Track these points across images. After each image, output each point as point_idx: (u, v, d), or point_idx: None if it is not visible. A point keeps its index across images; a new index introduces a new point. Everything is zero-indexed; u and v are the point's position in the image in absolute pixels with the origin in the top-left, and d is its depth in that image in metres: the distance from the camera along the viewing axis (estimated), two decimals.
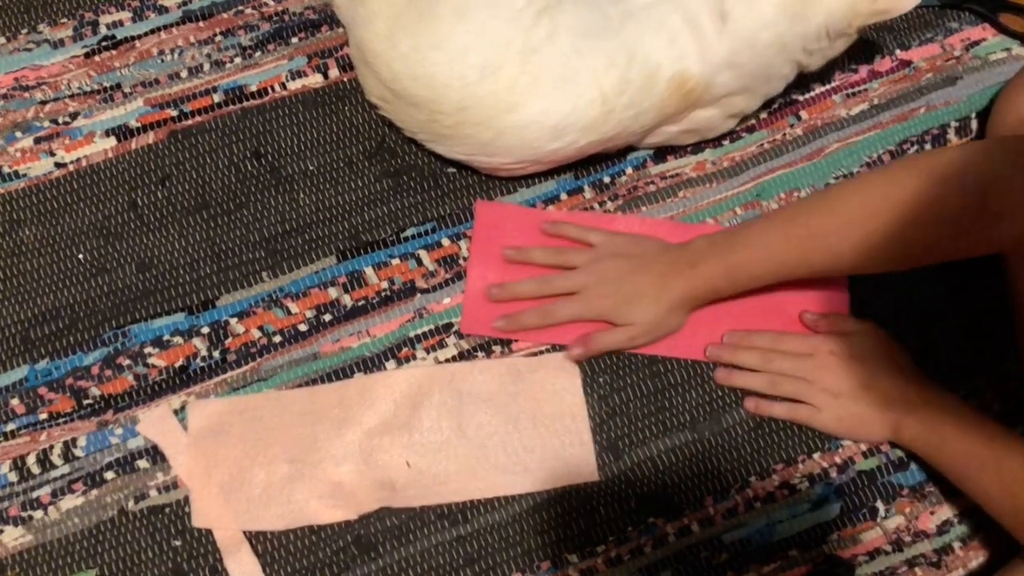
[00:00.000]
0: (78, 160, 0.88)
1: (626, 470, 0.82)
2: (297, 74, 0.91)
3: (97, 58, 0.91)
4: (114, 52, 0.91)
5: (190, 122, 0.89)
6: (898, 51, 0.96)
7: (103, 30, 0.92)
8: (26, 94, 0.89)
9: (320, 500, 0.79)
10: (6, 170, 0.87)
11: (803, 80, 0.94)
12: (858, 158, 0.91)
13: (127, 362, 0.82)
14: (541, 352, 0.84)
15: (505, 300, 0.84)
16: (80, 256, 0.85)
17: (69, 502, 0.79)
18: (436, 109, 0.78)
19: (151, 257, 0.85)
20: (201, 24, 0.92)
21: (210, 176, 0.88)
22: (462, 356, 0.84)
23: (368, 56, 0.80)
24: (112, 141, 0.88)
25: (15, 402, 0.81)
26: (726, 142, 0.91)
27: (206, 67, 0.91)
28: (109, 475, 0.80)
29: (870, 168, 0.91)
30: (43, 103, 0.89)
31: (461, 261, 0.87)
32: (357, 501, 0.79)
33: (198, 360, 0.83)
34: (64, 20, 0.92)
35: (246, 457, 0.79)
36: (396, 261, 0.86)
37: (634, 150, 0.90)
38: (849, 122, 0.93)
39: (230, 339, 0.84)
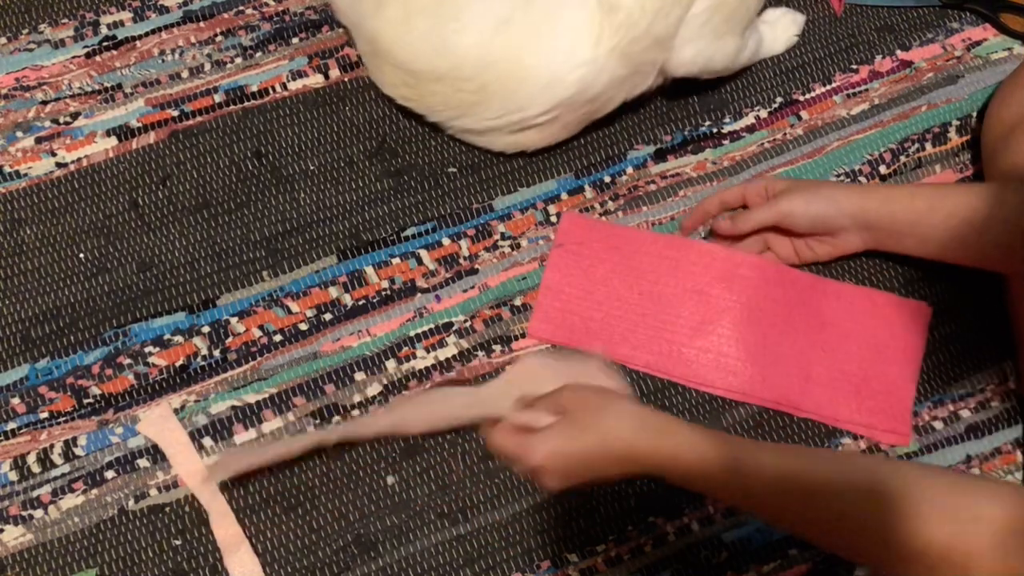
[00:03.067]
0: (79, 160, 0.88)
1: None
2: (298, 74, 0.92)
3: (98, 58, 0.91)
4: (115, 52, 0.91)
5: (191, 122, 0.89)
6: (899, 51, 0.96)
7: (104, 30, 0.92)
8: (27, 94, 0.89)
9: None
10: (7, 170, 0.87)
11: (803, 80, 0.94)
12: (859, 155, 0.91)
13: (128, 361, 0.82)
14: None
15: None
16: (81, 255, 0.85)
17: (69, 501, 0.79)
18: (459, 76, 0.80)
19: (152, 256, 0.86)
20: (202, 24, 0.93)
21: (211, 176, 0.88)
22: (462, 355, 0.84)
23: (382, 45, 0.81)
24: (113, 141, 0.88)
25: (16, 401, 0.81)
26: (726, 142, 0.92)
27: (207, 67, 0.91)
28: (109, 474, 0.80)
29: (871, 166, 0.91)
30: (44, 103, 0.89)
31: (461, 260, 0.87)
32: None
33: (199, 359, 0.83)
34: (65, 20, 0.92)
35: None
36: (396, 260, 0.86)
37: (635, 149, 0.90)
38: (850, 121, 0.93)
39: (231, 338, 0.84)
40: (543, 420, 0.70)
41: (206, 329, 0.84)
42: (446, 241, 0.87)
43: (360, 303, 0.85)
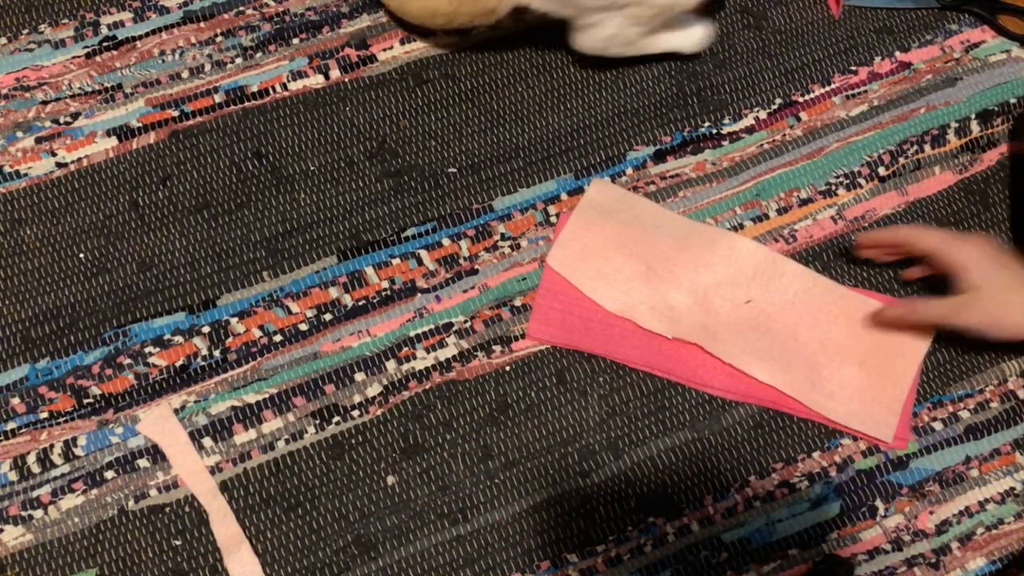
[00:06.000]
0: (79, 160, 0.88)
1: (626, 470, 0.82)
2: (298, 75, 0.92)
3: (98, 58, 0.91)
4: (115, 52, 0.91)
5: (191, 122, 0.90)
6: (898, 53, 0.96)
7: (104, 30, 0.92)
8: (27, 94, 0.89)
9: (650, 309, 0.85)
10: (7, 170, 0.87)
11: (802, 81, 0.94)
12: (858, 157, 0.92)
13: (128, 361, 0.82)
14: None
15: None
16: (81, 255, 0.85)
17: (69, 501, 0.79)
18: None
19: (152, 257, 0.86)
20: (202, 25, 0.93)
21: (211, 176, 0.88)
22: (462, 356, 0.84)
23: None
24: (113, 141, 0.89)
25: (15, 401, 0.81)
26: (726, 143, 0.92)
27: (207, 67, 0.91)
28: (109, 474, 0.80)
29: (870, 167, 0.91)
30: (44, 103, 0.89)
31: (461, 261, 0.87)
32: (679, 327, 0.84)
33: (199, 359, 0.83)
34: (65, 20, 0.92)
35: (616, 239, 0.86)
36: (396, 261, 0.87)
37: (635, 149, 0.91)
38: (849, 123, 0.93)
39: (231, 338, 0.84)
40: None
41: (206, 329, 0.84)
42: (446, 241, 0.87)
43: (360, 303, 0.85)
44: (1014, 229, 0.89)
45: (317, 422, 0.82)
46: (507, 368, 0.84)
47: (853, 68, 0.96)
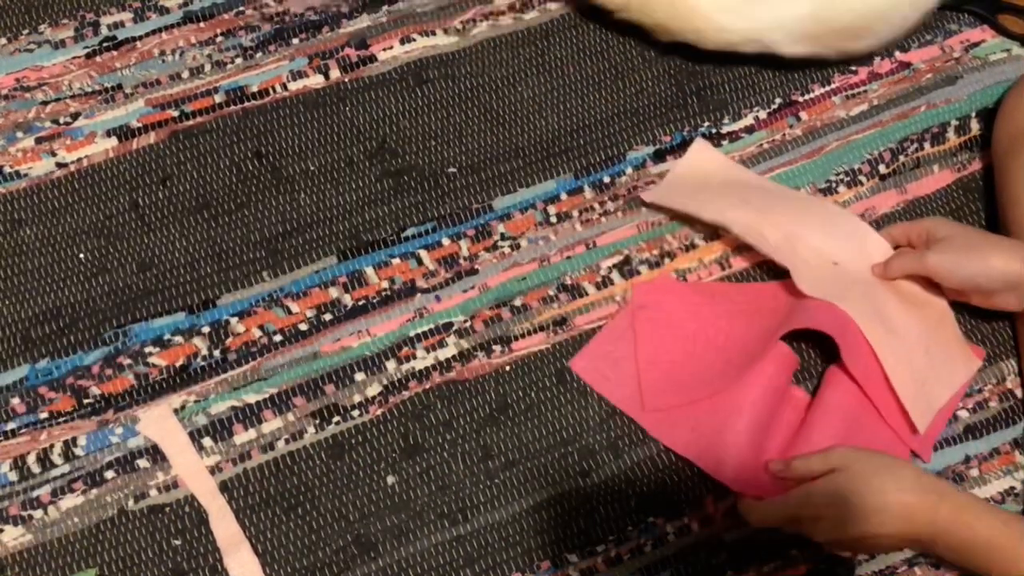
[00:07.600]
0: (79, 160, 0.88)
1: (626, 469, 0.82)
2: (298, 75, 0.92)
3: (98, 59, 0.91)
4: (115, 53, 0.91)
5: (191, 122, 0.90)
6: (897, 53, 0.96)
7: (104, 31, 0.92)
8: (27, 94, 0.89)
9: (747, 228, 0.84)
10: (7, 170, 0.87)
11: (802, 81, 0.94)
12: (859, 155, 0.92)
13: (127, 361, 0.82)
14: None
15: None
16: (81, 256, 0.85)
17: (69, 501, 0.79)
18: None
19: (152, 257, 0.86)
20: (202, 25, 0.93)
21: (211, 176, 0.88)
22: (462, 355, 0.84)
23: None
24: (113, 141, 0.89)
25: (15, 401, 0.81)
26: (725, 142, 0.92)
27: (207, 68, 0.91)
28: (109, 474, 0.80)
29: (871, 165, 0.91)
30: (44, 103, 0.89)
31: (461, 261, 0.87)
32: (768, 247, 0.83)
33: (199, 359, 0.83)
34: (65, 21, 0.92)
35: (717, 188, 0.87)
36: (396, 261, 0.87)
37: (634, 149, 0.91)
38: (849, 122, 0.93)
39: (231, 338, 0.84)
40: (815, 468, 0.72)
41: (206, 329, 0.84)
42: (446, 241, 0.87)
43: (360, 303, 0.85)
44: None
45: (317, 422, 0.82)
46: (507, 368, 0.84)
47: (853, 68, 0.96)
